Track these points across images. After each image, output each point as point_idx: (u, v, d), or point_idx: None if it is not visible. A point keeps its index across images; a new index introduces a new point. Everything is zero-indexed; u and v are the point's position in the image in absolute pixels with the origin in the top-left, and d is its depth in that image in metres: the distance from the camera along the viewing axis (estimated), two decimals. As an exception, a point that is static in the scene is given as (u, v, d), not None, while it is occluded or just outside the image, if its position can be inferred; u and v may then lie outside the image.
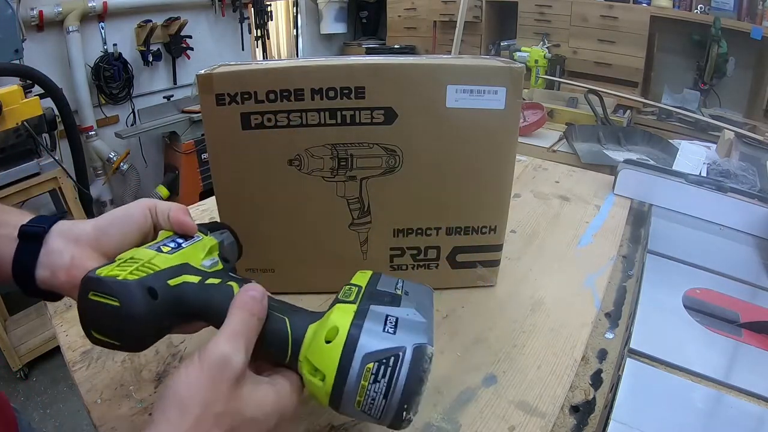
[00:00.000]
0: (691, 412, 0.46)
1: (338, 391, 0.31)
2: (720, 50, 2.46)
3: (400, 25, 3.64)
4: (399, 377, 0.31)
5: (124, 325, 0.32)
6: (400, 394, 0.31)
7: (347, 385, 0.31)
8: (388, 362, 0.31)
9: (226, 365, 0.30)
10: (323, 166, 0.53)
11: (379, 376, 0.31)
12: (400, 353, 0.31)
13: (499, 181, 0.56)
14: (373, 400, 0.31)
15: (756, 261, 0.74)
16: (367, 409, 0.32)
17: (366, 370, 0.31)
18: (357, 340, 0.31)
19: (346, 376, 0.31)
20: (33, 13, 2.08)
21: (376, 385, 0.31)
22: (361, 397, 0.31)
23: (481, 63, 0.52)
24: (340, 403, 0.32)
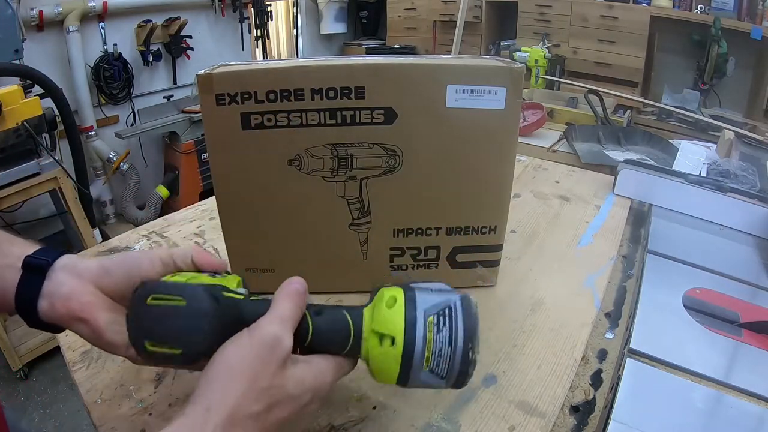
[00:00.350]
0: (691, 412, 0.46)
1: (409, 349, 0.33)
2: (720, 50, 2.46)
3: (400, 25, 3.64)
4: (458, 321, 0.34)
5: (190, 324, 0.32)
6: (462, 336, 0.34)
7: (416, 340, 0.33)
8: (444, 312, 0.35)
9: (277, 345, 0.32)
10: (323, 166, 0.53)
11: (441, 325, 0.34)
12: (452, 304, 0.35)
13: (499, 181, 0.56)
14: (440, 351, 0.34)
15: (756, 261, 0.74)
16: (435, 366, 0.34)
17: (429, 323, 0.34)
18: (415, 299, 0.35)
19: (414, 331, 0.34)
20: (33, 13, 2.08)
21: (440, 335, 0.34)
22: (429, 351, 0.34)
23: (481, 63, 0.52)
24: (411, 366, 0.34)
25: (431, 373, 0.34)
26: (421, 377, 0.34)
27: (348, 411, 0.45)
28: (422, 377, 0.34)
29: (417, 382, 0.35)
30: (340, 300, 0.59)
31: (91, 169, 2.42)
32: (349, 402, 0.46)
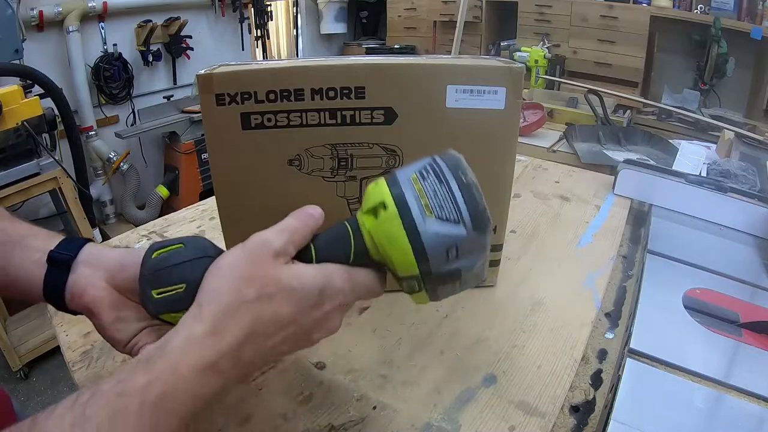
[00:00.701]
0: (691, 412, 0.46)
1: (401, 200, 0.32)
2: (720, 50, 2.46)
3: (400, 25, 3.64)
4: (440, 165, 0.33)
5: (189, 258, 0.34)
6: (449, 170, 0.33)
7: (405, 193, 0.32)
8: (425, 167, 0.34)
9: (266, 245, 0.33)
10: (323, 166, 0.53)
11: (425, 174, 0.33)
12: (429, 159, 0.34)
13: (499, 181, 0.56)
14: (435, 193, 0.32)
15: (756, 261, 0.74)
16: (439, 209, 0.32)
17: (413, 179, 0.33)
18: (395, 173, 0.34)
19: (400, 187, 0.33)
20: (33, 13, 2.08)
21: (427, 181, 0.33)
22: (424, 198, 0.32)
23: (481, 63, 0.52)
24: (414, 220, 0.31)
25: (442, 221, 0.31)
26: (435, 230, 0.31)
27: (348, 411, 0.45)
28: (436, 229, 0.31)
29: (436, 240, 0.31)
30: (340, 300, 0.59)
31: (91, 169, 2.42)
32: (349, 402, 0.46)
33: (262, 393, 0.47)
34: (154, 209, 2.52)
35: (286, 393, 0.47)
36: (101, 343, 0.53)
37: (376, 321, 0.56)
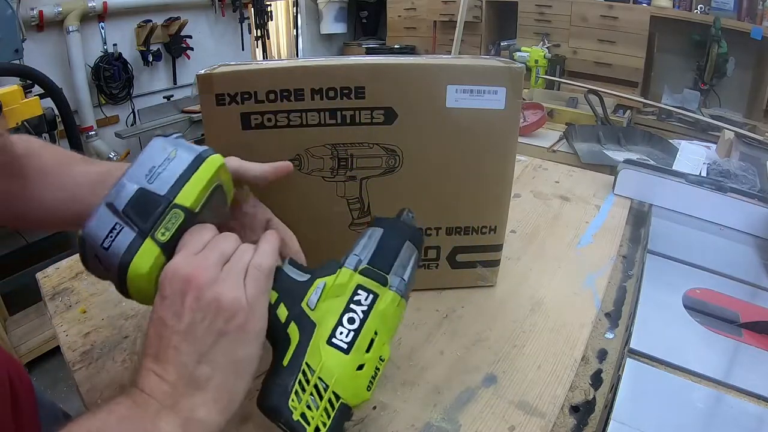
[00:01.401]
0: (691, 412, 0.46)
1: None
2: (720, 50, 2.46)
3: (400, 25, 3.64)
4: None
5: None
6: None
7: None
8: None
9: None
10: (323, 166, 0.53)
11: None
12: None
13: (499, 181, 0.56)
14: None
15: (756, 261, 0.74)
16: None
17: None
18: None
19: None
20: (33, 13, 2.08)
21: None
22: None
23: (481, 63, 0.52)
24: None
25: None
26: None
27: (348, 411, 0.45)
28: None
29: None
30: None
31: (91, 169, 2.42)
32: (349, 402, 0.46)
33: (262, 393, 0.47)
34: (154, 209, 2.51)
35: (286, 393, 0.47)
36: (101, 343, 0.53)
37: (376, 321, 0.56)
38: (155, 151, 0.35)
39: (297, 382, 0.32)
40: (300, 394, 0.32)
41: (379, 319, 0.35)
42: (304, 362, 0.33)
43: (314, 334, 0.33)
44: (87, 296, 0.61)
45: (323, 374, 0.32)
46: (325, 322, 0.34)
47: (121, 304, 0.59)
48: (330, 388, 0.32)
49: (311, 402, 0.32)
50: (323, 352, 0.33)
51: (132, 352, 0.52)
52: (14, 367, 0.49)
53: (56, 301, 0.60)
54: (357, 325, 0.34)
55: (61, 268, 0.67)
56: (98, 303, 0.59)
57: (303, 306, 0.34)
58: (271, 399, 0.32)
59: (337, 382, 0.33)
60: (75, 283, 0.63)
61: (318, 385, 0.32)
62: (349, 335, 0.33)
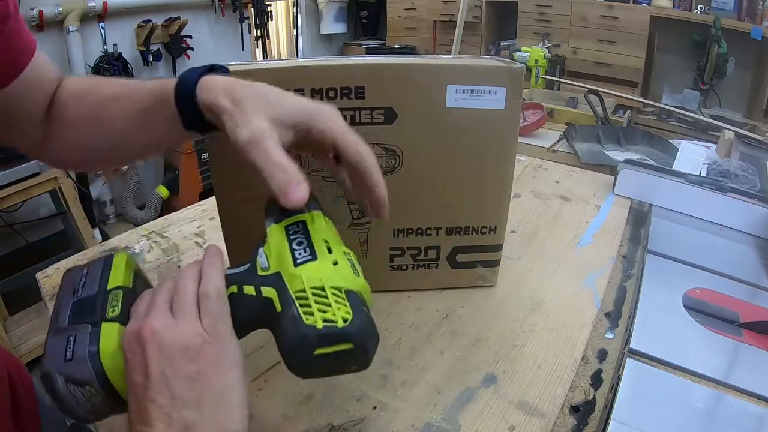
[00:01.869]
0: (691, 412, 0.46)
1: None
2: (720, 50, 2.46)
3: (400, 25, 3.64)
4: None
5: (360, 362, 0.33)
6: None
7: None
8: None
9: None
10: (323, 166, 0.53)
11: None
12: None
13: (499, 181, 0.56)
14: None
15: (756, 261, 0.74)
16: None
17: None
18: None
19: None
20: (33, 13, 2.07)
21: None
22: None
23: (481, 63, 0.52)
24: None
25: None
26: None
27: (348, 411, 0.45)
28: None
29: None
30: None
31: (91, 169, 2.42)
32: (349, 402, 0.46)
33: (262, 393, 0.47)
34: (154, 209, 2.51)
35: (286, 393, 0.47)
36: (101, 343, 0.53)
37: (376, 321, 0.56)
38: (71, 277, 0.36)
39: (298, 306, 0.32)
40: (308, 310, 0.31)
41: (319, 233, 0.35)
42: (291, 292, 0.32)
43: (283, 275, 0.34)
44: (87, 296, 0.61)
45: (312, 283, 0.32)
46: (283, 262, 0.34)
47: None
48: (325, 286, 0.32)
49: (322, 307, 0.31)
50: (298, 272, 0.33)
51: (132, 352, 0.52)
52: (14, 364, 0.49)
53: (56, 301, 0.60)
54: (306, 242, 0.34)
55: (61, 268, 0.67)
56: (98, 303, 0.59)
57: (259, 273, 0.35)
58: (290, 339, 0.32)
59: (326, 279, 0.33)
60: (75, 283, 0.63)
61: (315, 293, 0.32)
62: (306, 250, 0.34)
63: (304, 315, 0.31)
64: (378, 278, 0.60)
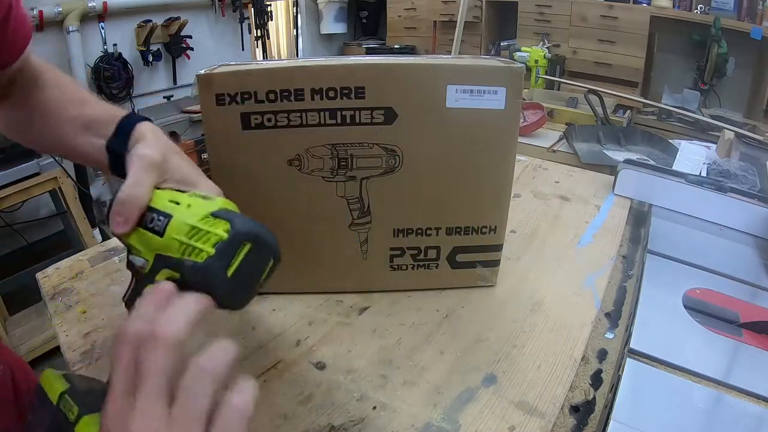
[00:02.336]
0: (691, 412, 0.46)
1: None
2: (720, 50, 2.46)
3: (400, 25, 3.64)
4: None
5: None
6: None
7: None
8: None
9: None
10: (323, 166, 0.53)
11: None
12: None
13: (499, 181, 0.56)
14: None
15: (756, 261, 0.74)
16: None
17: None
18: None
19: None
20: (33, 13, 2.07)
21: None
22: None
23: (481, 63, 0.52)
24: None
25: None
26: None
27: (348, 411, 0.45)
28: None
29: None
30: (341, 300, 0.59)
31: (91, 169, 2.42)
32: (349, 402, 0.46)
33: (262, 393, 0.46)
34: (154, 209, 2.52)
35: (286, 393, 0.47)
36: (101, 343, 0.53)
37: (376, 321, 0.56)
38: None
39: (187, 257, 0.32)
40: (195, 251, 0.31)
41: (160, 199, 0.36)
42: (174, 254, 0.33)
43: (160, 252, 0.34)
44: (87, 296, 0.61)
45: (180, 232, 0.33)
46: (152, 244, 0.34)
47: (121, 304, 0.59)
48: (192, 224, 0.33)
49: (203, 238, 0.32)
50: (165, 237, 0.33)
51: (132, 352, 0.52)
52: (17, 362, 0.49)
53: (56, 301, 0.60)
54: (156, 214, 0.35)
55: (61, 268, 0.67)
56: (98, 303, 0.59)
57: (144, 272, 0.35)
58: (205, 283, 0.31)
59: (189, 220, 0.33)
60: (75, 283, 0.63)
61: (190, 236, 0.32)
62: (160, 218, 0.34)
63: (195, 258, 0.31)
64: (378, 278, 0.60)
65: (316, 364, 0.50)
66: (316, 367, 0.50)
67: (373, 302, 0.59)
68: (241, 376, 0.27)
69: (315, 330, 0.54)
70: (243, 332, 0.54)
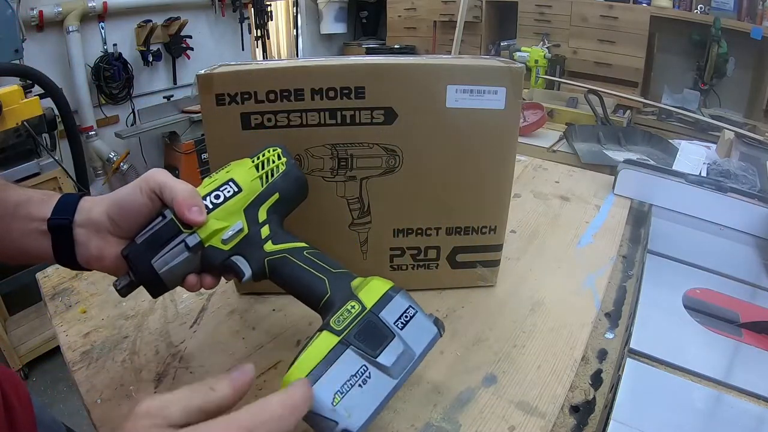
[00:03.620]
0: (691, 412, 0.46)
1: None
2: (720, 50, 2.46)
3: (400, 25, 3.64)
4: None
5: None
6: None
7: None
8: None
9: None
10: (323, 166, 0.53)
11: None
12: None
13: (499, 181, 0.56)
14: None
15: (756, 261, 0.74)
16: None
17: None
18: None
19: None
20: (33, 13, 2.08)
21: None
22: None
23: (481, 63, 0.52)
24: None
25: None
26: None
27: (348, 411, 0.45)
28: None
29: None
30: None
31: (91, 169, 2.42)
32: (349, 402, 0.46)
33: (262, 393, 0.47)
34: (154, 209, 2.51)
35: (286, 393, 0.47)
36: (101, 343, 0.53)
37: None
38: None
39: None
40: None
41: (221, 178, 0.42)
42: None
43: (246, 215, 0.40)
44: (87, 296, 0.61)
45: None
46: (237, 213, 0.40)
47: (121, 304, 0.59)
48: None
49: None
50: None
51: (132, 352, 0.52)
52: (9, 379, 0.49)
53: (56, 301, 0.60)
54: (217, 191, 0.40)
55: (61, 268, 0.66)
56: (98, 303, 0.59)
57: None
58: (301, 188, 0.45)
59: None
60: (75, 283, 0.63)
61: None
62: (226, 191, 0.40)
63: (277, 173, 0.43)
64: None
65: (316, 364, 0.50)
66: (316, 367, 0.50)
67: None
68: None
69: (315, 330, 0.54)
70: (243, 332, 0.54)
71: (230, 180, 0.40)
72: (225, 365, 0.50)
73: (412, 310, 0.37)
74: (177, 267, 0.38)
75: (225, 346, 0.52)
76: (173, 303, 0.59)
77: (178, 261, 0.37)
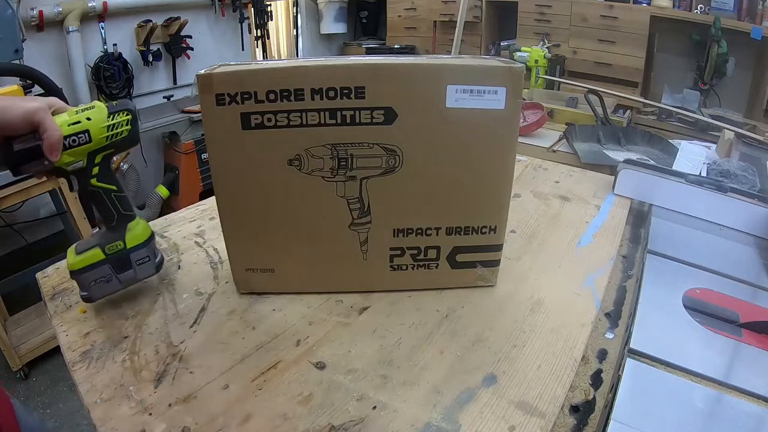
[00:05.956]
0: (691, 412, 0.46)
1: None
2: (720, 50, 2.46)
3: (400, 25, 3.64)
4: None
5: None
6: None
7: None
8: None
9: None
10: (323, 166, 0.53)
11: None
12: None
13: (499, 181, 0.56)
14: None
15: (756, 261, 0.74)
16: None
17: None
18: None
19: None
20: (33, 13, 2.07)
21: None
22: None
23: (481, 63, 0.52)
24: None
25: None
26: None
27: (348, 411, 0.45)
28: None
29: None
30: (341, 300, 0.59)
31: (91, 168, 2.42)
32: (349, 402, 0.46)
33: (262, 393, 0.47)
34: (154, 209, 2.51)
35: (286, 393, 0.47)
36: (101, 343, 0.53)
37: (376, 321, 0.56)
38: None
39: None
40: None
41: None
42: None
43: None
44: (87, 296, 0.61)
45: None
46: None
47: (121, 304, 0.59)
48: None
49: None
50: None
51: (132, 352, 0.52)
52: None
53: (56, 301, 0.60)
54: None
55: (61, 268, 0.67)
56: (98, 303, 0.59)
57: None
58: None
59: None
60: (75, 283, 0.63)
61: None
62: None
63: (123, 134, 0.53)
64: (378, 278, 0.60)
65: (316, 364, 0.50)
66: (316, 367, 0.50)
67: (373, 302, 0.59)
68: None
69: (315, 330, 0.55)
70: (243, 332, 0.54)
71: (86, 131, 0.50)
72: (225, 365, 0.50)
73: (147, 258, 0.58)
74: (34, 169, 0.49)
75: (225, 346, 0.52)
76: (173, 303, 0.59)
77: (36, 168, 0.50)
